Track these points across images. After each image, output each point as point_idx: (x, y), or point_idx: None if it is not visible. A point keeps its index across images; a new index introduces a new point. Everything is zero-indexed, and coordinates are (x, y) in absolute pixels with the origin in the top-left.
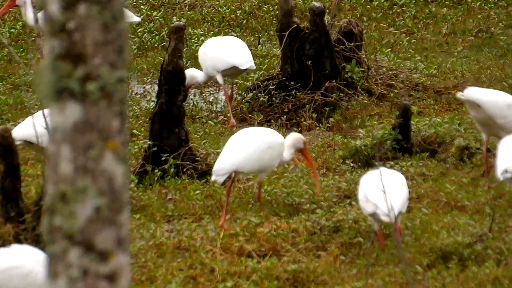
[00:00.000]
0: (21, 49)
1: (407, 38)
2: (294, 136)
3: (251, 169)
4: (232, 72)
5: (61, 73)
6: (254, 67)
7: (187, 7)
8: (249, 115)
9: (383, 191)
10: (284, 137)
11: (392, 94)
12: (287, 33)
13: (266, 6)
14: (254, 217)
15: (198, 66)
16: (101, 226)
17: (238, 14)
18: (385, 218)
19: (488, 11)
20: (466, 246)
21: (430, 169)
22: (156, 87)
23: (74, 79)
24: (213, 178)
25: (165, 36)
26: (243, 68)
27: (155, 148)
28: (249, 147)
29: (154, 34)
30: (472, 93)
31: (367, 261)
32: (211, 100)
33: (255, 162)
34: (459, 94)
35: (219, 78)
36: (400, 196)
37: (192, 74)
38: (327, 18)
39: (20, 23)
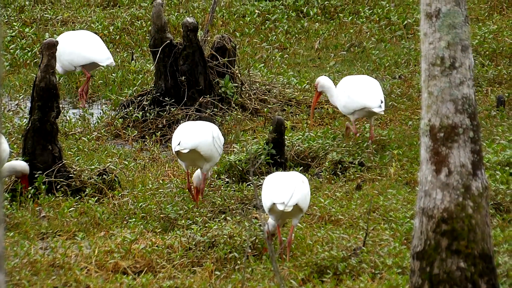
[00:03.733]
0: None
1: (280, 53)
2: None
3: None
4: (91, 67)
5: None
6: (114, 63)
7: (59, 23)
8: (123, 131)
9: (282, 185)
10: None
11: (265, 109)
12: (160, 48)
13: (139, 22)
14: (129, 234)
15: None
16: None
17: (111, 30)
18: (281, 206)
19: (360, 25)
20: (341, 260)
21: None
22: (29, 104)
23: None
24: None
25: (38, 53)
26: (103, 64)
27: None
28: None
29: (26, 50)
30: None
31: (242, 276)
32: (84, 116)
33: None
34: (379, 111)
35: (79, 69)
36: (298, 190)
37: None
38: (200, 34)
39: None
